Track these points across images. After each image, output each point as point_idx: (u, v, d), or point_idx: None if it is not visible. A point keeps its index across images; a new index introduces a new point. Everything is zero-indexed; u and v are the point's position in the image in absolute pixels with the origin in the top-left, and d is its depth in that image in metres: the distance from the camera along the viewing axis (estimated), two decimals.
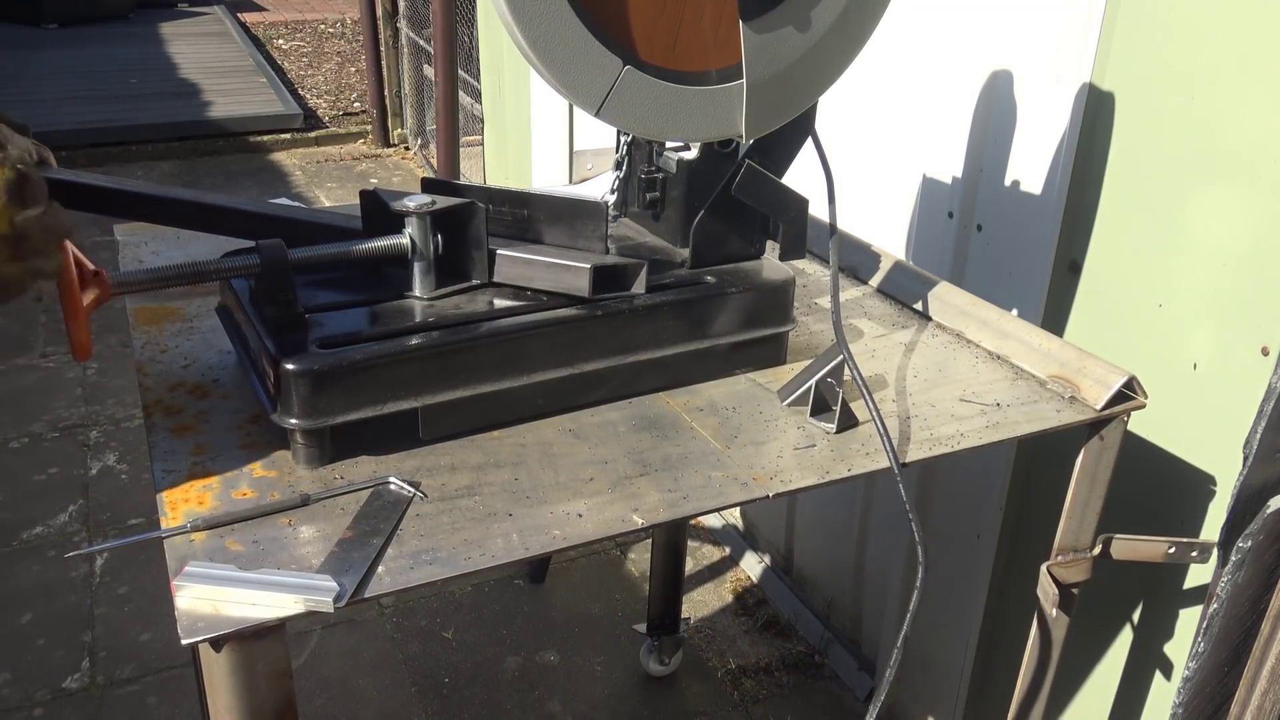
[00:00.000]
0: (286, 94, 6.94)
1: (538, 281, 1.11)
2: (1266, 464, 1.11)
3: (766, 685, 2.32)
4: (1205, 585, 1.33)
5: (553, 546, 0.91)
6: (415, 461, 1.01)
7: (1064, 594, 1.24)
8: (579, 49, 0.98)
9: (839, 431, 1.11)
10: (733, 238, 1.23)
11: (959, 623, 1.93)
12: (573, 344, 1.09)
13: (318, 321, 1.03)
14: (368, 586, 0.84)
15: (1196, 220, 1.37)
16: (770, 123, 1.10)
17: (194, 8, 10.01)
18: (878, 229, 1.98)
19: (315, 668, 2.33)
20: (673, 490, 0.99)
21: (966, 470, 1.85)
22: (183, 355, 1.19)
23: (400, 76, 6.14)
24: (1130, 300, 1.49)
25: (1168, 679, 1.55)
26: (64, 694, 2.24)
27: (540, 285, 1.11)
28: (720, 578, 2.67)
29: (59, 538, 2.73)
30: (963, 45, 1.70)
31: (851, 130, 2.00)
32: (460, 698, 2.26)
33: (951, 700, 2.01)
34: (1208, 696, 1.22)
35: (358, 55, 8.37)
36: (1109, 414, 1.15)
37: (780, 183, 1.19)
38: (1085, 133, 1.50)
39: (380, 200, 1.09)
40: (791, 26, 1.04)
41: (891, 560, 2.13)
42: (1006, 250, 1.69)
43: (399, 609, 2.51)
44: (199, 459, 0.99)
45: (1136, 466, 1.48)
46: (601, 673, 2.34)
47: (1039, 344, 1.26)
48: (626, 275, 1.13)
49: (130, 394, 3.42)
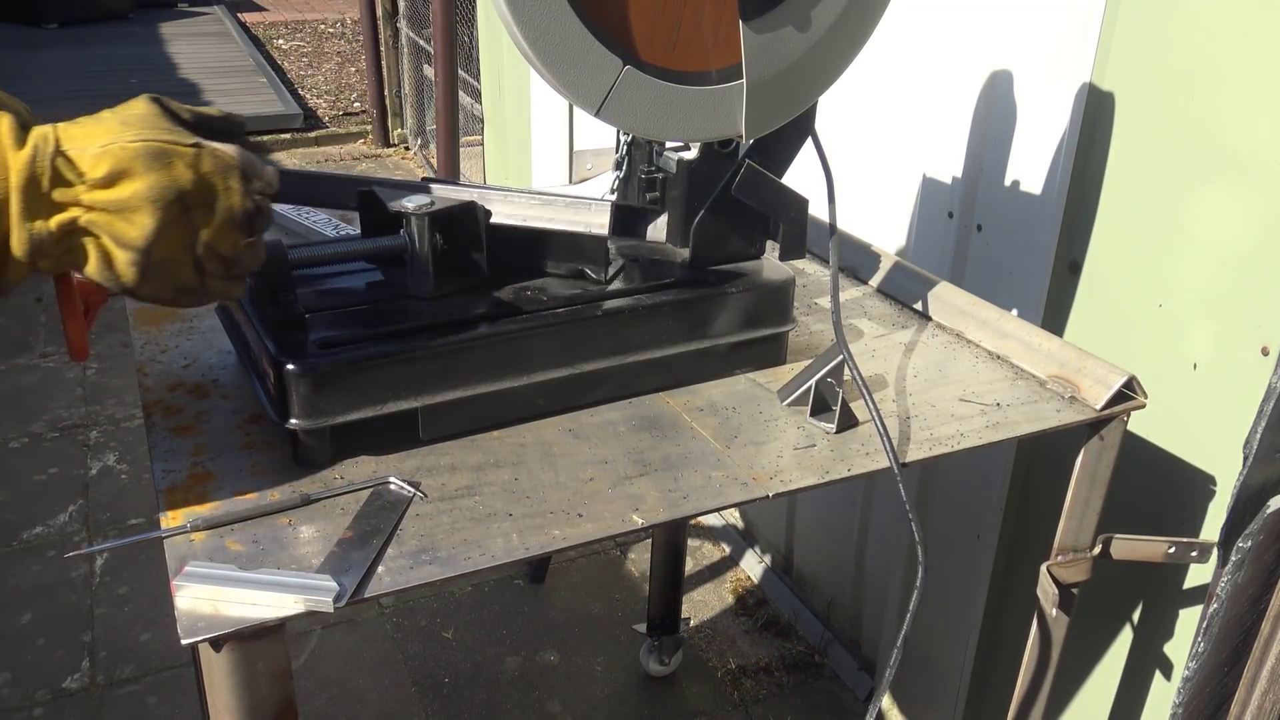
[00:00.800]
0: (286, 94, 6.95)
1: (558, 222, 1.12)
2: (1266, 464, 1.11)
3: (766, 685, 2.32)
4: (1205, 585, 1.33)
5: (553, 546, 0.91)
6: (415, 461, 1.01)
7: (1064, 594, 1.24)
8: (579, 49, 0.98)
9: (839, 431, 1.11)
10: (733, 238, 1.23)
11: (959, 623, 1.93)
12: (573, 344, 1.09)
13: (318, 321, 1.03)
14: (368, 586, 0.84)
15: (1196, 220, 1.37)
16: (770, 123, 1.10)
17: (194, 8, 10.01)
18: (878, 229, 1.98)
19: (315, 668, 2.33)
20: (673, 490, 0.99)
21: (966, 470, 1.85)
22: (183, 355, 1.19)
23: (400, 76, 6.14)
24: (1130, 300, 1.49)
25: (1168, 679, 1.55)
26: (64, 694, 2.24)
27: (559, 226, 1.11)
28: (720, 578, 2.67)
29: (59, 538, 2.73)
30: (963, 45, 1.70)
31: (851, 130, 2.00)
32: (460, 698, 2.26)
33: (951, 700, 2.01)
34: (1208, 696, 1.22)
35: (358, 55, 8.37)
36: (1109, 414, 1.15)
37: (780, 183, 1.19)
38: (1085, 133, 1.50)
39: (379, 200, 1.09)
40: (791, 26, 1.04)
41: (891, 560, 2.13)
42: (1006, 250, 1.69)
43: (399, 609, 2.51)
44: (199, 459, 0.99)
45: (1136, 466, 1.48)
46: (601, 673, 2.34)
47: (1039, 344, 1.26)
48: (645, 218, 1.16)
49: (130, 394, 3.42)
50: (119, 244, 0.77)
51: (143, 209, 0.76)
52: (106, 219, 0.76)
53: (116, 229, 0.76)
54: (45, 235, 0.75)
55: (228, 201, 0.80)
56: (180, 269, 0.80)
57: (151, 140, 0.77)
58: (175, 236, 0.78)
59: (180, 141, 0.78)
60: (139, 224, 0.76)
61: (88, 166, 0.75)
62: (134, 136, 0.76)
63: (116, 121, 0.78)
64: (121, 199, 0.75)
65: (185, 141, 0.79)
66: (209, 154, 0.79)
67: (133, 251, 0.77)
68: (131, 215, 0.76)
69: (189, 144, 0.79)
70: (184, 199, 0.78)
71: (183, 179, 0.77)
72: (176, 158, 0.78)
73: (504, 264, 1.14)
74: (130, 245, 0.77)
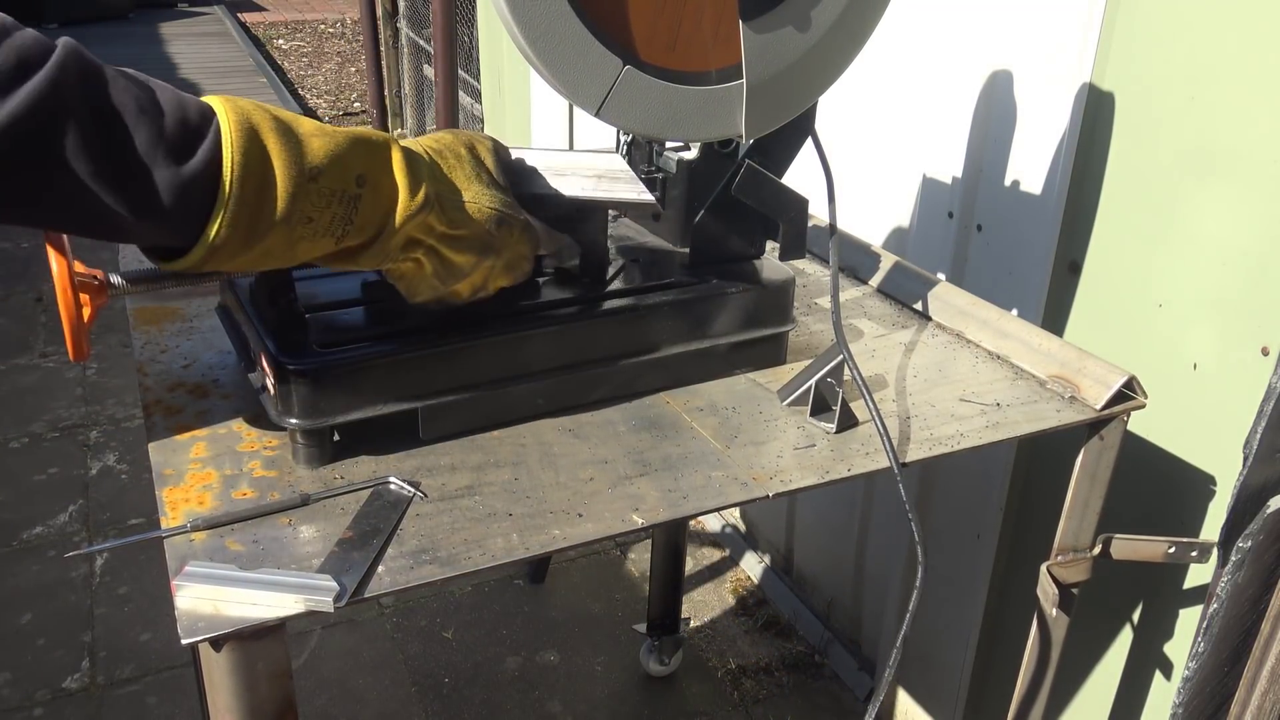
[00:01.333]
0: (286, 94, 6.95)
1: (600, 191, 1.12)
2: (1266, 464, 1.11)
3: (766, 685, 2.32)
4: (1205, 585, 1.33)
5: (553, 546, 0.91)
6: (415, 461, 1.01)
7: (1064, 594, 1.24)
8: (579, 49, 0.98)
9: (839, 431, 1.11)
10: (733, 238, 1.23)
11: (959, 623, 1.93)
12: (573, 344, 1.09)
13: (318, 321, 1.03)
14: (368, 586, 0.84)
15: (1196, 220, 1.37)
16: (770, 123, 1.10)
17: (194, 8, 10.02)
18: (878, 229, 1.98)
19: (315, 668, 2.33)
20: (673, 490, 0.99)
21: (966, 470, 1.85)
22: (183, 355, 1.19)
23: (400, 76, 6.14)
24: (1130, 300, 1.49)
25: (1168, 679, 1.55)
26: (64, 694, 2.24)
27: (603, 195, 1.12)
28: (720, 578, 2.67)
29: (59, 538, 2.73)
30: (963, 45, 1.70)
31: (851, 130, 2.00)
32: (460, 698, 2.26)
33: (951, 700, 2.01)
34: (1208, 696, 1.22)
35: (358, 55, 8.38)
36: (1109, 414, 1.15)
37: (780, 183, 1.19)
38: (1085, 133, 1.50)
39: None
40: (791, 26, 1.04)
41: (891, 560, 2.13)
42: (1006, 250, 1.69)
43: (399, 609, 2.51)
44: (199, 459, 0.99)
45: (1136, 466, 1.48)
46: (601, 673, 2.34)
47: (1039, 344, 1.26)
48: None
49: (130, 394, 3.42)
50: (437, 271, 0.97)
51: (468, 255, 0.97)
52: (443, 247, 0.95)
53: (444, 258, 0.96)
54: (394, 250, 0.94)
55: (519, 269, 1.04)
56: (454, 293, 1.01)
57: (503, 211, 0.98)
58: (474, 279, 1.00)
59: (516, 216, 0.99)
60: (459, 263, 0.97)
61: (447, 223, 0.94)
62: (491, 201, 0.97)
63: (479, 179, 0.97)
64: (459, 238, 0.95)
65: (519, 216, 1.00)
66: (526, 228, 1.01)
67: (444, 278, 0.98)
68: (459, 251, 0.96)
69: (521, 219, 1.00)
70: (494, 257, 0.99)
71: (503, 245, 0.99)
72: (512, 226, 0.99)
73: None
74: (444, 274, 0.97)
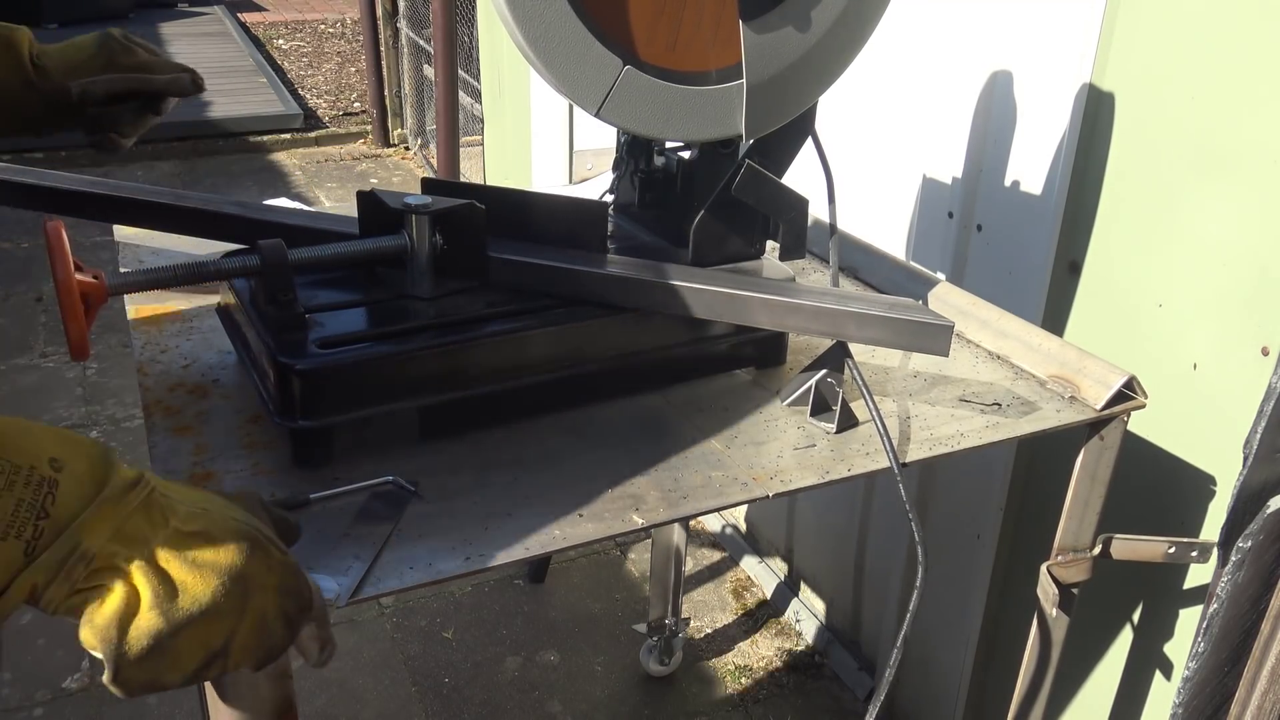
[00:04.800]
0: (286, 94, 6.94)
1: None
2: (1266, 464, 1.11)
3: (766, 685, 2.32)
4: (1205, 585, 1.33)
5: (553, 546, 0.91)
6: (415, 461, 1.01)
7: (1064, 594, 1.24)
8: (579, 49, 0.98)
9: (839, 431, 1.11)
10: (733, 238, 1.23)
11: (959, 623, 1.93)
12: (573, 344, 1.09)
13: (318, 321, 1.03)
14: (367, 586, 0.84)
15: (1196, 220, 1.37)
16: (770, 123, 1.10)
17: (194, 8, 10.01)
18: (878, 229, 1.98)
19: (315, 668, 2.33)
20: (673, 490, 0.99)
21: (966, 470, 1.85)
22: (183, 355, 1.19)
23: (400, 76, 6.14)
24: (1130, 300, 1.49)
25: (1168, 679, 1.55)
26: (64, 694, 2.24)
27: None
28: (720, 578, 2.67)
29: None
30: (963, 46, 1.70)
31: (851, 130, 2.00)
32: (460, 698, 2.26)
33: (951, 700, 2.01)
34: (1208, 696, 1.22)
35: (358, 55, 8.37)
36: (1109, 414, 1.15)
37: (780, 183, 1.19)
38: (1085, 133, 1.50)
39: (379, 200, 1.09)
40: (791, 26, 1.04)
41: (891, 560, 2.13)
42: (1006, 250, 1.69)
43: (399, 609, 2.51)
44: (199, 459, 0.99)
45: (1136, 466, 1.48)
46: (601, 673, 2.34)
47: (1039, 344, 1.26)
48: None
49: (130, 394, 3.42)
50: (158, 598, 0.66)
51: (209, 580, 0.68)
52: (173, 563, 0.68)
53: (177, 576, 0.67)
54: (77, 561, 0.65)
55: (276, 629, 0.71)
56: (182, 658, 0.68)
57: (252, 527, 0.72)
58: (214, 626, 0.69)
59: (276, 543, 0.73)
60: (195, 591, 0.68)
61: (179, 519, 0.69)
62: (239, 514, 0.73)
63: (218, 495, 0.75)
64: (198, 558, 0.68)
65: (280, 545, 0.73)
66: (293, 570, 0.73)
67: (170, 613, 0.67)
68: (198, 576, 0.68)
69: (282, 549, 0.73)
70: (248, 595, 0.70)
71: (261, 577, 0.70)
72: (269, 553, 0.72)
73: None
74: (175, 605, 0.67)
